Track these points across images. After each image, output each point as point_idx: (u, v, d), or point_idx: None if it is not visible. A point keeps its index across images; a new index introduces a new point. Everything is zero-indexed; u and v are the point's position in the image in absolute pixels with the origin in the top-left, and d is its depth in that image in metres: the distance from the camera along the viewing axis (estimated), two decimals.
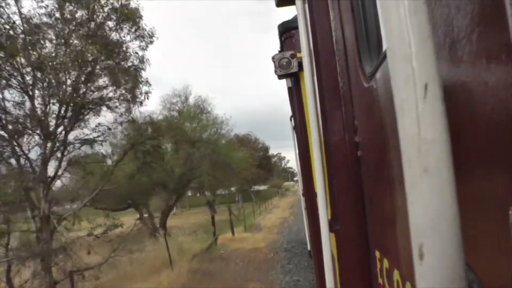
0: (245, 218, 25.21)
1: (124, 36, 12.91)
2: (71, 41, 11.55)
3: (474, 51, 0.51)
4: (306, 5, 1.72)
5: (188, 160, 27.39)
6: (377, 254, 1.34)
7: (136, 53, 13.28)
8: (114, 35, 12.63)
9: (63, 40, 11.39)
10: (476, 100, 0.54)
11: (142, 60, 13.41)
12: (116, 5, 12.31)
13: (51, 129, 11.46)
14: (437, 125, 0.35)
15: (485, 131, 0.52)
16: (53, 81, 11.20)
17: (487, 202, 0.54)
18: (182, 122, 28.01)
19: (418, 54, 0.36)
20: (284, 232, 20.94)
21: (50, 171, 11.80)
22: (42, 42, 11.11)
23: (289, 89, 3.68)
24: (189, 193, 50.00)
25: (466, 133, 0.57)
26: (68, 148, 12.39)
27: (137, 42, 13.22)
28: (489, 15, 0.47)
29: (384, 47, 1.16)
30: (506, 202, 0.46)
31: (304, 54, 1.63)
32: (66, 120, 11.80)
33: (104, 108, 12.89)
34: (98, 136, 13.13)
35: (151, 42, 13.44)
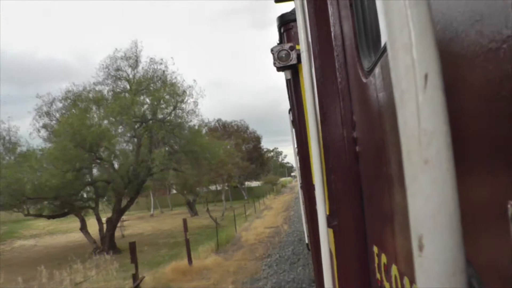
0: (216, 230, 17.23)
1: None
2: None
3: (476, 43, 0.51)
4: (305, 1, 1.71)
5: (138, 149, 19.98)
6: (375, 249, 1.34)
7: None
8: None
9: None
10: (476, 92, 0.53)
11: None
12: None
13: None
14: (438, 116, 0.34)
15: (486, 124, 0.52)
16: None
17: (486, 195, 0.54)
18: (132, 95, 19.76)
19: (418, 44, 0.35)
20: (272, 257, 13.03)
21: None
22: None
23: (288, 81, 3.66)
24: (174, 191, 42.02)
25: (467, 125, 0.57)
26: None
27: None
28: (490, 7, 0.47)
29: (383, 41, 1.15)
30: (505, 196, 0.46)
31: (303, 49, 1.62)
32: None
33: None
34: None
35: None
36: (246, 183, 59.06)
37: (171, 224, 28.69)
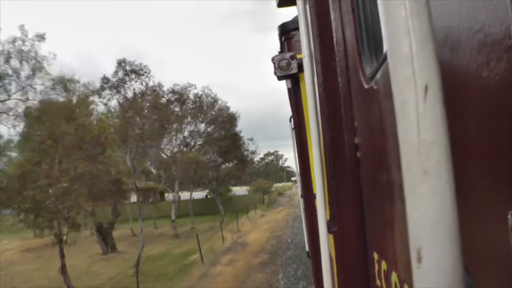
0: None
1: None
2: None
3: (476, 54, 0.51)
4: (307, 6, 1.72)
5: None
6: (375, 255, 1.34)
7: None
8: None
9: None
10: (476, 103, 0.54)
11: None
12: None
13: None
14: (437, 127, 0.35)
15: (485, 135, 0.52)
16: None
17: (486, 206, 0.54)
18: None
19: (419, 55, 0.35)
20: None
21: None
22: None
23: (289, 90, 3.69)
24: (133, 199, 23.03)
25: (466, 136, 0.57)
26: None
27: None
28: (491, 18, 0.47)
29: (385, 48, 1.16)
30: (505, 207, 0.46)
31: (305, 54, 1.62)
32: None
33: None
34: None
35: None
36: (233, 189, 39.62)
37: (55, 268, 14.02)
